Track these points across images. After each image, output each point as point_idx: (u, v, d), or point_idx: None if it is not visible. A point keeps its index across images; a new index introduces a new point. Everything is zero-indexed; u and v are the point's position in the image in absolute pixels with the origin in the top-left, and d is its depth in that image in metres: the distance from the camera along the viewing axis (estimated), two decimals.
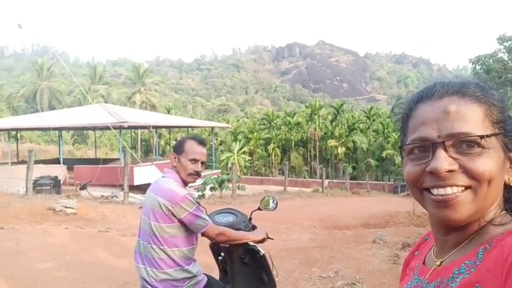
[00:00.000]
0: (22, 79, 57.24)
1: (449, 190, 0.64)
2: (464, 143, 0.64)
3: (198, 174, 2.26)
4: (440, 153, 0.64)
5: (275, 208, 2.67)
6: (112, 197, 13.69)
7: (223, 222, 2.46)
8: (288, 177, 21.72)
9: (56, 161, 20.10)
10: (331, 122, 46.80)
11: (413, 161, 0.69)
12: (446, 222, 0.67)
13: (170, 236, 2.08)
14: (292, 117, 47.68)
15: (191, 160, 2.21)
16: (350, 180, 28.22)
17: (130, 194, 13.09)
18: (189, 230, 2.13)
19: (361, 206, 13.16)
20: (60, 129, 21.17)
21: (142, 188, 16.91)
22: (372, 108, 48.44)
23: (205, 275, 2.23)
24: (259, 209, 2.66)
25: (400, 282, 0.80)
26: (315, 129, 45.37)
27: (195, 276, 2.12)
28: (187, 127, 27.90)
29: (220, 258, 2.70)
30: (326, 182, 22.68)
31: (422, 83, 0.75)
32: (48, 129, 20.67)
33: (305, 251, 6.16)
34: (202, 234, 2.19)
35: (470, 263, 0.63)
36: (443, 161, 0.64)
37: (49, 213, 8.48)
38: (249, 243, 2.46)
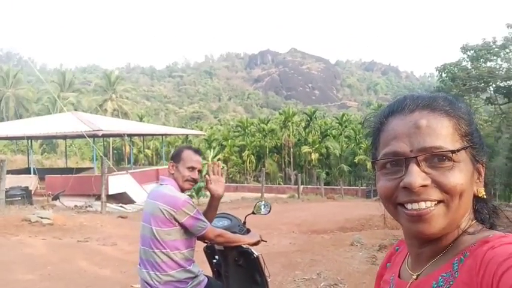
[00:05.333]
0: None
1: (423, 205, 0.64)
2: (436, 157, 0.65)
3: (195, 181, 2.40)
4: (414, 168, 0.64)
5: (268, 212, 2.83)
6: (86, 206, 13.44)
7: (219, 226, 2.59)
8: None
9: (26, 171, 19.49)
10: (305, 128, 47.55)
11: (386, 176, 0.69)
12: (421, 236, 0.67)
13: (171, 240, 2.19)
14: (266, 124, 48.11)
15: (189, 168, 2.35)
16: (324, 185, 28.66)
17: (107, 204, 12.88)
18: (188, 233, 2.24)
19: (337, 210, 13.45)
20: (31, 138, 20.56)
21: (117, 198, 16.61)
22: (343, 114, 49.54)
23: (205, 275, 2.34)
24: (253, 213, 2.81)
25: None
26: (289, 135, 45.96)
27: (196, 276, 2.24)
28: (161, 135, 27.66)
29: (214, 261, 2.82)
30: (301, 187, 22.98)
31: (391, 90, 0.81)
32: (22, 138, 19.92)
33: (286, 254, 6.32)
34: (201, 237, 2.31)
35: (447, 275, 0.64)
36: (416, 176, 0.64)
37: (24, 224, 8.28)
38: (243, 245, 2.60)
